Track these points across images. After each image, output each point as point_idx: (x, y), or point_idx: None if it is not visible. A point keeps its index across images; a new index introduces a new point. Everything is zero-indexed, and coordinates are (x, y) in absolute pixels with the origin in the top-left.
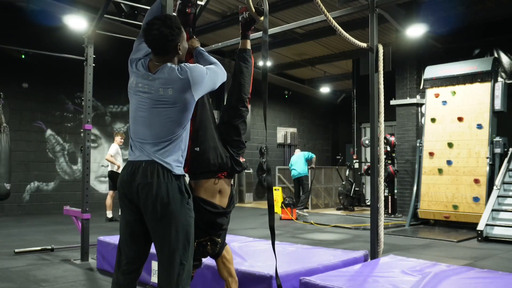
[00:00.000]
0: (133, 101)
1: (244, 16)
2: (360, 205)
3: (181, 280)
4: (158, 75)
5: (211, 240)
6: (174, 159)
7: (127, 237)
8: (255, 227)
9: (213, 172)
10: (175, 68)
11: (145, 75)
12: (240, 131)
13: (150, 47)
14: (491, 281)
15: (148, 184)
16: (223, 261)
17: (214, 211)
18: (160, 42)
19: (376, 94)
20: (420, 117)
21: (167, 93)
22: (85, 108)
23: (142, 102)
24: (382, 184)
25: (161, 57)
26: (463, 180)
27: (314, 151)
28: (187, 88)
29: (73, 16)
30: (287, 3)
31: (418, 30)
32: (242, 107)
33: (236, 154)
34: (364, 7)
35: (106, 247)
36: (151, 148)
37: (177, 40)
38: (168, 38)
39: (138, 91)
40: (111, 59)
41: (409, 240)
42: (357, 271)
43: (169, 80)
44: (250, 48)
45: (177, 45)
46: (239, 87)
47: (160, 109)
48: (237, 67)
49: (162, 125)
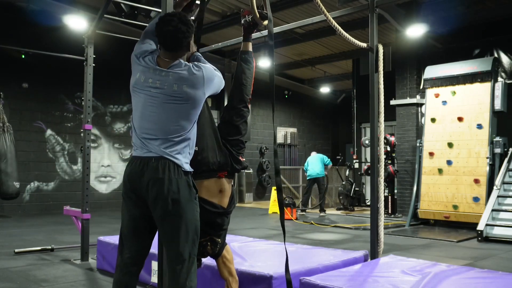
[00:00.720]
0: (140, 97)
1: (247, 19)
2: (360, 205)
3: (190, 272)
4: (172, 70)
5: (211, 240)
6: (184, 155)
7: (130, 231)
8: (255, 227)
9: (213, 171)
10: (190, 65)
11: (157, 70)
12: (241, 131)
13: (165, 42)
14: (491, 281)
15: (159, 180)
16: (223, 261)
17: (214, 211)
18: (176, 38)
19: (376, 94)
20: (420, 117)
21: (181, 89)
22: (85, 108)
23: (153, 98)
24: (382, 184)
25: (172, 53)
26: (463, 180)
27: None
28: (201, 85)
29: (73, 16)
30: (287, 3)
31: (418, 30)
32: (244, 107)
33: (237, 153)
34: (364, 7)
35: (106, 247)
36: (161, 144)
37: (190, 37)
38: (185, 35)
39: (148, 87)
40: (111, 59)
41: (409, 240)
42: (357, 271)
43: (184, 76)
44: (251, 50)
45: (189, 42)
46: (241, 87)
47: (172, 104)
48: (239, 69)
49: (173, 121)
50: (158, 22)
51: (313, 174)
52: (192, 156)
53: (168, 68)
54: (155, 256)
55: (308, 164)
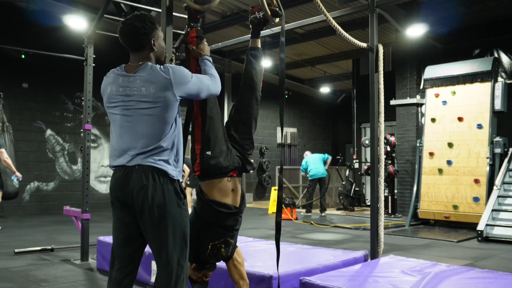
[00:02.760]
0: (116, 112)
1: (257, 16)
2: (360, 205)
3: (179, 281)
4: (139, 73)
5: (225, 242)
6: (168, 161)
7: (121, 240)
8: (255, 227)
9: (225, 173)
10: (157, 67)
11: (125, 78)
12: (252, 130)
13: (126, 43)
14: (491, 281)
15: (144, 187)
16: (234, 264)
17: (227, 212)
18: (134, 36)
19: (376, 94)
20: (420, 117)
21: (149, 91)
22: (85, 108)
23: (127, 108)
24: (382, 184)
25: (137, 54)
26: (463, 180)
27: (314, 151)
28: (169, 87)
29: (73, 16)
30: (287, 3)
31: (418, 30)
32: (255, 104)
33: (247, 154)
34: (364, 7)
35: (106, 247)
36: (143, 151)
37: (151, 34)
38: (141, 31)
39: (120, 96)
40: (111, 59)
41: (409, 240)
42: (357, 271)
43: (151, 78)
44: (260, 46)
45: (151, 39)
46: (252, 84)
47: (144, 109)
48: (249, 65)
49: (149, 125)
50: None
51: (318, 174)
52: (180, 162)
53: (134, 72)
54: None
55: (309, 164)
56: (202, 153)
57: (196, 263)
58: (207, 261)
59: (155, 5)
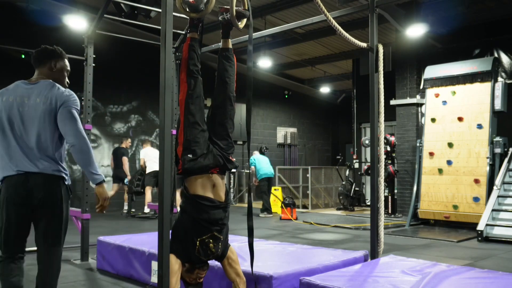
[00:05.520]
0: (7, 120)
1: (225, 17)
2: (360, 205)
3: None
4: (37, 85)
5: (213, 237)
6: (58, 161)
7: (15, 230)
8: (255, 227)
9: (206, 170)
10: (55, 85)
11: (24, 87)
12: (228, 130)
13: (32, 60)
14: (491, 281)
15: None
16: (229, 262)
17: (211, 205)
18: (38, 54)
19: (376, 94)
20: (420, 117)
21: (40, 104)
22: (85, 108)
23: (22, 113)
24: (382, 184)
25: (38, 69)
26: (463, 180)
27: (314, 151)
28: (58, 106)
29: (73, 16)
30: (287, 3)
31: (418, 30)
32: (230, 105)
33: (226, 153)
34: (364, 7)
35: (106, 247)
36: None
37: (52, 56)
38: (45, 51)
39: (15, 102)
40: (111, 59)
41: (409, 240)
42: (357, 271)
43: (46, 92)
44: (231, 47)
45: (51, 60)
46: (225, 85)
47: (35, 118)
48: (221, 67)
49: (40, 132)
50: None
51: (268, 173)
52: (64, 159)
53: (34, 82)
54: (155, 256)
55: (258, 162)
56: (183, 156)
57: (188, 262)
58: (198, 258)
59: (155, 5)
